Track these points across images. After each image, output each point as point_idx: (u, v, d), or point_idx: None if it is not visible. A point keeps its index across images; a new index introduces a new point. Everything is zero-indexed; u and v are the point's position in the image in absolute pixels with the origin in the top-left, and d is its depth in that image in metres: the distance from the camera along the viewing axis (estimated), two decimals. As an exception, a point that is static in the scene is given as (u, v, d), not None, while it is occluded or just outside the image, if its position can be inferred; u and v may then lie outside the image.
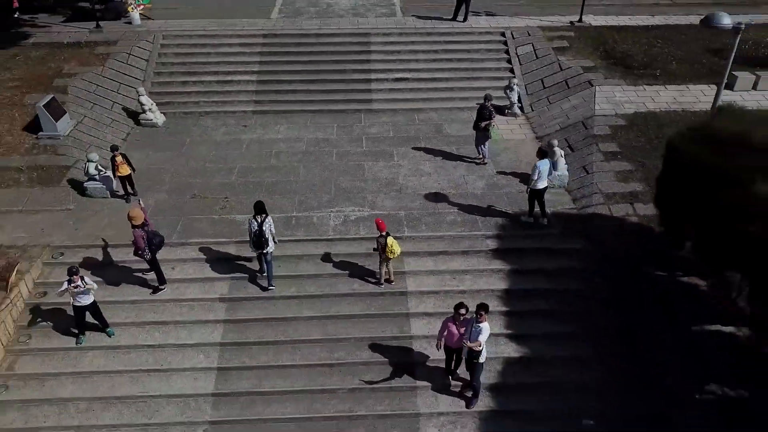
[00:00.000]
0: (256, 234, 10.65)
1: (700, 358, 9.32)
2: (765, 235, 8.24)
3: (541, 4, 22.42)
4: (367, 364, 10.45)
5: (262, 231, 10.59)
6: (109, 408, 9.96)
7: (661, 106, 16.21)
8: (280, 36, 19.80)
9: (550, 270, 11.87)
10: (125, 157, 13.24)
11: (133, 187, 13.55)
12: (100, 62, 18.16)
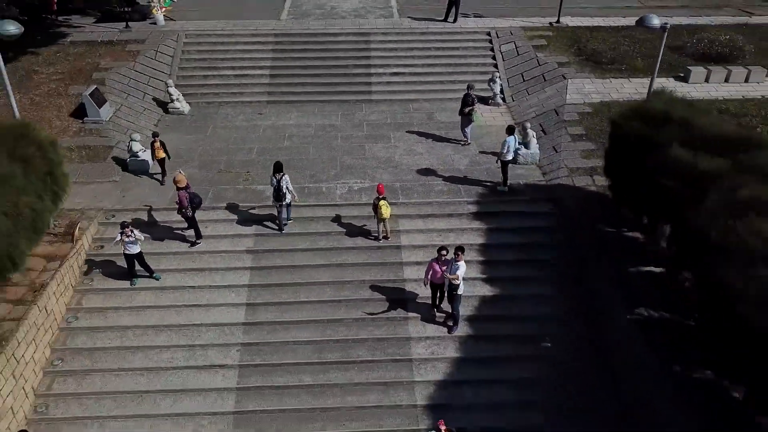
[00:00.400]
0: (275, 189, 13.14)
1: (631, 289, 11.73)
2: (678, 186, 10.65)
3: (524, 6, 24.89)
4: (367, 301, 12.86)
5: (280, 186, 13.10)
6: (160, 334, 12.38)
7: (624, 96, 18.62)
8: (290, 35, 22.25)
9: (520, 228, 14.32)
10: (162, 144, 15.56)
11: (164, 174, 15.73)
12: (131, 58, 20.61)
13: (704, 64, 20.18)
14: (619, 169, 12.90)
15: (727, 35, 21.49)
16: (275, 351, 12.07)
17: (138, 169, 16.00)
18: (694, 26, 22.89)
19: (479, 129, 17.96)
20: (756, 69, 19.83)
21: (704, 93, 18.94)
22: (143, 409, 11.29)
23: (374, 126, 18.65)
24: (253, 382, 11.63)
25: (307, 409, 11.28)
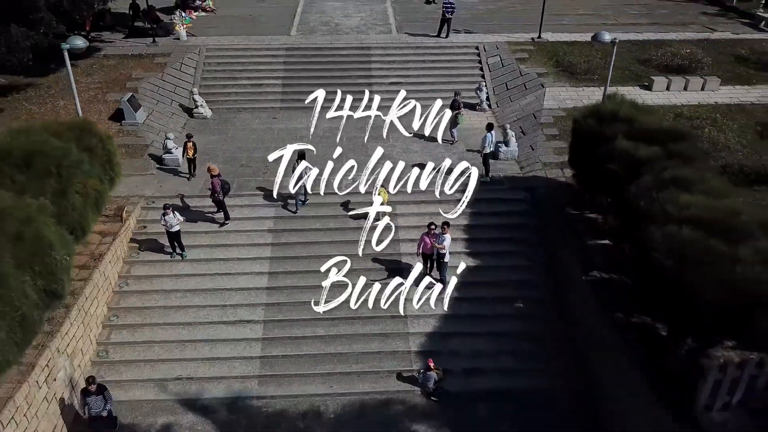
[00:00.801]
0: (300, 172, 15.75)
1: (587, 257, 14.27)
2: (621, 170, 13.23)
3: (509, 23, 27.69)
4: (370, 270, 15.39)
5: (303, 170, 15.70)
6: (197, 296, 14.90)
7: (594, 102, 21.22)
8: (299, 49, 24.97)
9: (500, 212, 16.91)
10: (194, 144, 18.13)
11: (194, 169, 18.28)
12: (159, 69, 23.31)
13: (667, 74, 22.90)
14: (579, 159, 15.54)
15: (689, 49, 24.29)
16: (293, 309, 14.58)
17: (172, 163, 18.60)
18: (660, 41, 25.65)
19: (466, 131, 20.58)
20: (711, 79, 22.55)
21: (665, 100, 21.65)
22: (186, 355, 13.79)
23: (375, 128, 21.10)
24: (275, 333, 14.14)
25: (320, 354, 13.79)
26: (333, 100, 18.12)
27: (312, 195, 17.16)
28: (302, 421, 12.78)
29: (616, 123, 14.25)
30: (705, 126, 19.71)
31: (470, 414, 12.91)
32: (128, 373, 13.47)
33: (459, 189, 17.23)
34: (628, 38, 26.00)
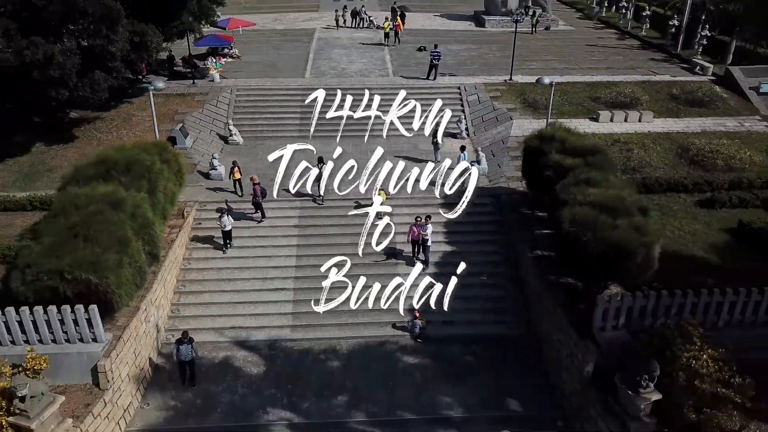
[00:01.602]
0: (319, 174, 21.04)
1: (533, 242, 19.50)
2: (553, 175, 18.57)
3: (486, 68, 33.57)
4: (372, 254, 20.57)
5: (321, 173, 20.99)
6: (242, 272, 20.10)
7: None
8: (312, 89, 30.59)
9: (472, 212, 22.05)
10: (239, 168, 23.38)
11: (242, 189, 23.52)
12: (199, 105, 28.97)
13: (612, 109, 28.58)
14: (528, 169, 20.97)
15: (631, 89, 30.09)
16: (314, 280, 19.68)
17: (216, 177, 24.00)
18: (610, 82, 31.45)
19: (447, 153, 26.02)
20: (647, 113, 28.23)
21: (608, 129, 27.25)
22: (237, 312, 18.91)
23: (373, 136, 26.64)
24: (302, 296, 19.26)
25: (335, 311, 18.84)
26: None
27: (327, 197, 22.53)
28: (323, 355, 17.83)
29: (552, 142, 19.72)
30: (635, 149, 25.25)
31: (445, 351, 17.96)
32: (194, 324, 18.51)
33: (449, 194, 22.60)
34: (584, 80, 31.86)
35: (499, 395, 16.66)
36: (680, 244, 19.93)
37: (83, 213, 15.50)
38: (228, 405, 16.27)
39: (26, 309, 14.47)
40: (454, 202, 22.27)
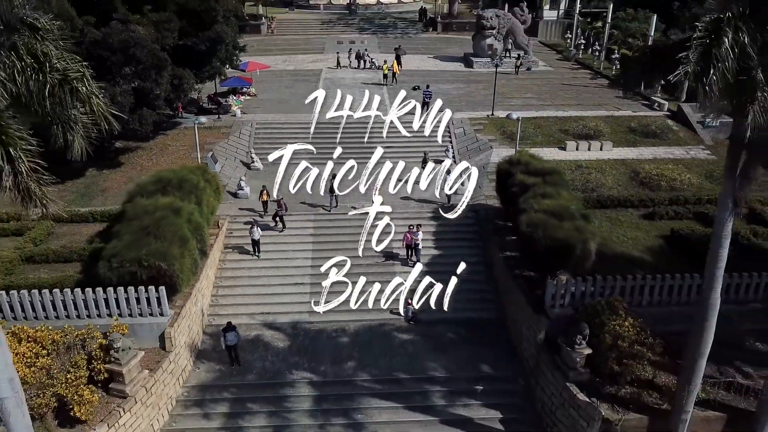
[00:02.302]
0: (330, 186, 25.95)
1: (504, 246, 24.34)
2: (518, 191, 23.53)
3: (472, 106, 38.93)
4: (372, 255, 25.38)
5: (333, 185, 25.91)
6: (269, 271, 24.88)
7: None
8: (321, 122, 35.85)
9: (456, 223, 26.99)
10: (268, 192, 28.30)
11: (266, 209, 28.42)
12: (225, 137, 34.12)
13: (577, 140, 33.75)
14: (500, 188, 25.97)
15: (595, 123, 35.33)
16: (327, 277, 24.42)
17: (243, 196, 28.96)
18: (578, 117, 36.71)
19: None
20: (607, 143, 33.39)
21: (573, 156, 32.36)
22: (265, 301, 23.64)
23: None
24: (317, 289, 23.93)
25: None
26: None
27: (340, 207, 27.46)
28: (334, 333, 22.53)
29: (518, 165, 24.78)
30: (594, 173, 30.32)
31: (433, 331, 22.67)
32: (230, 310, 23.24)
33: (430, 210, 27.61)
34: (557, 115, 37.15)
35: (474, 362, 21.32)
36: (624, 247, 24.79)
37: (152, 217, 20.41)
38: (260, 369, 20.91)
39: (111, 289, 19.23)
40: (441, 215, 27.31)
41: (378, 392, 20.18)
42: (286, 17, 66.10)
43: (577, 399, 17.96)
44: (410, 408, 19.77)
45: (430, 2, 72.40)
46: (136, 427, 17.89)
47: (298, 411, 19.58)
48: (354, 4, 67.66)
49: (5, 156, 11.29)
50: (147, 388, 18.25)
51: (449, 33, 60.60)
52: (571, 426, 18.19)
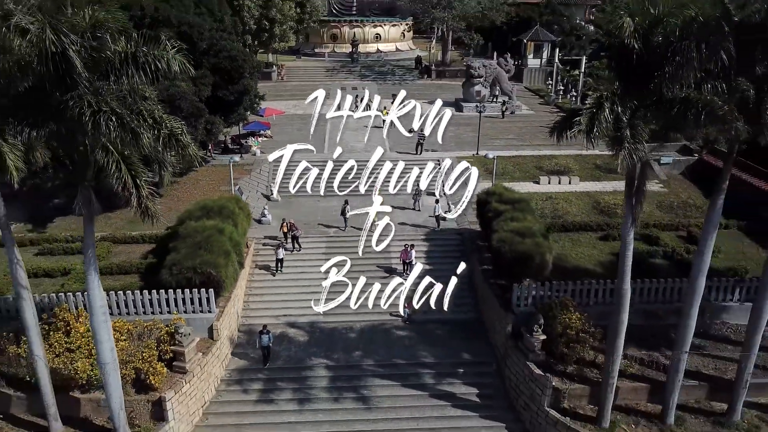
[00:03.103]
0: (343, 209, 31.74)
1: (482, 261, 29.98)
2: (493, 216, 29.33)
3: (459, 146, 45.10)
4: (377, 270, 31.00)
5: (345, 210, 31.70)
6: (288, 282, 30.50)
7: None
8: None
9: (444, 244, 32.84)
10: (287, 224, 34.08)
11: (286, 238, 34.20)
12: (247, 173, 40.13)
13: (549, 175, 39.75)
14: (479, 214, 31.79)
15: (566, 161, 41.39)
16: (337, 286, 29.99)
17: (266, 222, 34.73)
18: (552, 155, 42.79)
19: (427, 207, 36.92)
20: (575, 178, 39.40)
21: (545, 189, 38.31)
22: (288, 305, 29.18)
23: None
24: (330, 297, 29.50)
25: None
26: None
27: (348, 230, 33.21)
28: (344, 330, 27.99)
29: (494, 195, 30.67)
30: (561, 203, 36.21)
31: (425, 328, 28.18)
32: (258, 313, 28.77)
33: (423, 233, 33.37)
34: (533, 154, 43.28)
35: (457, 351, 26.80)
36: (581, 261, 30.45)
37: (203, 235, 26.15)
38: (286, 357, 26.34)
39: (171, 291, 24.80)
40: (432, 237, 33.09)
41: (380, 374, 25.59)
42: (294, 65, 73.07)
43: (534, 373, 23.41)
44: (405, 386, 25.18)
45: (425, 50, 79.72)
46: (193, 396, 23.26)
47: (317, 388, 24.98)
48: (356, 52, 74.72)
49: (134, 184, 17.17)
50: (201, 367, 23.68)
51: (442, 80, 67.39)
52: (530, 395, 23.58)
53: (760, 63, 16.99)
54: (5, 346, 23.02)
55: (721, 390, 23.22)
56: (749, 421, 22.61)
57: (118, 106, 16.11)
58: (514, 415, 24.26)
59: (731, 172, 21.13)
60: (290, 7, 62.14)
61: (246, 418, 23.98)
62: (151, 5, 33.82)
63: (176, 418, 22.37)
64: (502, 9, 70.26)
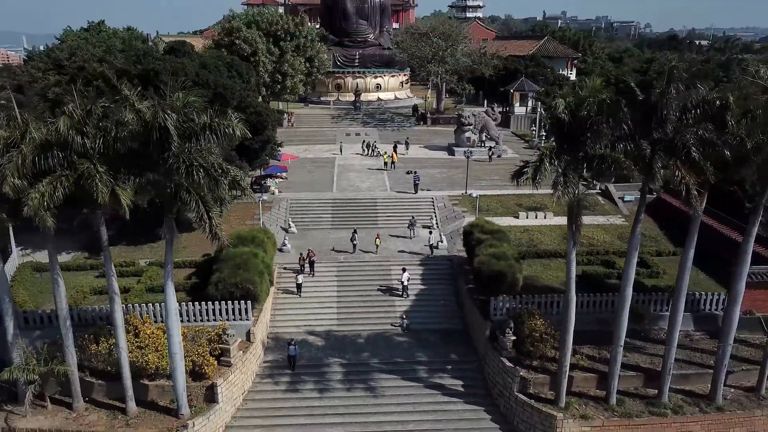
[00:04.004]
0: (352, 236, 38.62)
1: (467, 279, 36.64)
2: (475, 244, 36.14)
3: (451, 186, 52.24)
4: (378, 284, 37.64)
5: (353, 236, 38.57)
6: (306, 299, 37.12)
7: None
8: (338, 199, 48.97)
9: (436, 269, 39.55)
10: (302, 256, 40.87)
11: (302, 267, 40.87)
12: (267, 209, 47.09)
13: (528, 211, 46.72)
14: (465, 243, 38.60)
15: (542, 198, 48.39)
16: (349, 302, 36.55)
17: (286, 250, 41.50)
18: (531, 194, 49.66)
19: (422, 238, 43.76)
20: (549, 213, 46.38)
21: (523, 223, 45.25)
22: (307, 317, 35.75)
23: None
24: (342, 311, 36.06)
25: (361, 317, 35.63)
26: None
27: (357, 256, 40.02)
28: (354, 336, 34.48)
29: (477, 227, 37.56)
30: (537, 234, 43.07)
31: (420, 335, 34.68)
32: (283, 323, 35.26)
33: (417, 259, 40.19)
34: (515, 192, 50.15)
35: (446, 353, 33.29)
36: (550, 282, 37.08)
37: (241, 258, 32.90)
38: (308, 356, 32.79)
39: (217, 302, 31.38)
40: (426, 262, 39.87)
41: (384, 370, 32.00)
42: (302, 112, 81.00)
43: (506, 366, 29.86)
44: (404, 379, 31.59)
45: (422, 97, 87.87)
46: (236, 384, 29.64)
47: (333, 380, 31.37)
48: (358, 101, 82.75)
49: (207, 216, 24.07)
50: (242, 362, 30.12)
51: (437, 126, 75.12)
52: (504, 384, 29.98)
53: (655, 131, 24.06)
54: (87, 345, 29.49)
55: (654, 379, 29.62)
56: (674, 403, 28.95)
57: (204, 161, 23.12)
58: (490, 401, 30.63)
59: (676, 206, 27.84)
60: (300, 62, 70.14)
61: (277, 403, 30.33)
62: (193, 71, 41.11)
63: (224, 400, 28.73)
64: (490, 63, 78.66)
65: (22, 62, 70.99)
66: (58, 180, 23.28)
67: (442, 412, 30.00)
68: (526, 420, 28.89)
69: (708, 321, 33.19)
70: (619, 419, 28.33)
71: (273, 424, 29.31)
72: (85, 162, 23.44)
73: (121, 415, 28.11)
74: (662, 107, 23.74)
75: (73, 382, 28.14)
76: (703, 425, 28.55)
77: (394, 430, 29.06)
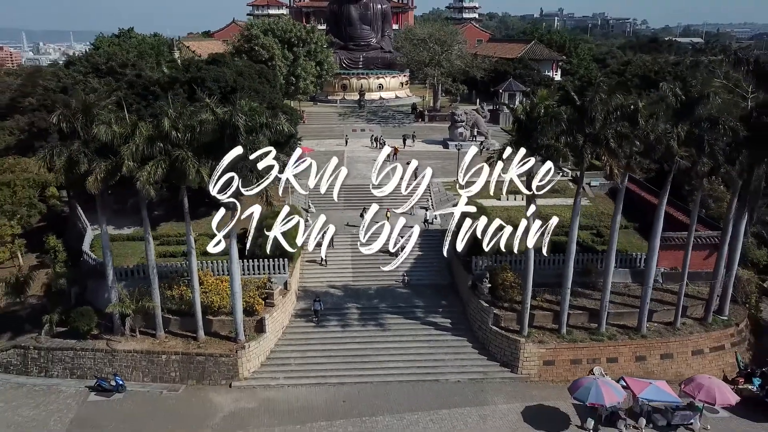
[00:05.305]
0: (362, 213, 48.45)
1: (460, 276, 46.52)
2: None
3: (446, 173, 62.08)
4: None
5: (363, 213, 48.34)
6: (329, 267, 46.96)
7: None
8: (350, 185, 58.76)
9: (431, 238, 49.37)
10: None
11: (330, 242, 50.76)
12: (291, 194, 56.88)
13: (507, 194, 56.55)
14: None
15: (521, 184, 58.31)
16: (361, 270, 46.37)
17: (307, 227, 51.34)
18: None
19: (419, 213, 53.63)
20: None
21: (505, 204, 55.07)
22: (327, 279, 45.63)
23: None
24: (356, 274, 45.90)
25: (370, 277, 45.53)
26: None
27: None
28: (365, 289, 44.46)
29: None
30: (514, 212, 52.94)
31: (416, 288, 44.68)
32: (310, 279, 45.12)
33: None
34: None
35: (438, 300, 43.33)
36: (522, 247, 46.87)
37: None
38: (330, 303, 42.80)
39: (260, 260, 41.22)
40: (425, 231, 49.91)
41: (390, 312, 42.00)
42: (313, 109, 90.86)
43: (483, 306, 39.84)
44: (405, 318, 41.62)
45: (421, 96, 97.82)
46: (278, 320, 39.59)
47: (351, 319, 41.37)
48: (362, 99, 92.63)
49: (267, 198, 33.99)
50: (282, 304, 40.03)
51: (433, 123, 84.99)
52: (481, 319, 39.95)
53: (587, 127, 33.91)
54: (164, 290, 39.35)
55: (596, 316, 39.55)
56: (610, 333, 38.90)
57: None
58: (472, 334, 40.64)
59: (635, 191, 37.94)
60: (312, 66, 79.95)
61: (309, 335, 40.35)
62: (231, 78, 50.78)
63: (270, 331, 38.65)
64: (481, 66, 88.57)
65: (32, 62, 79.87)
66: (158, 163, 33.18)
67: (435, 341, 40.00)
68: (498, 345, 38.90)
69: (642, 275, 43.17)
70: (568, 343, 38.33)
71: (306, 349, 39.32)
72: (178, 150, 33.30)
73: (194, 341, 38.07)
74: (591, 110, 33.60)
75: (156, 316, 38.09)
76: (630, 348, 38.56)
77: (399, 353, 39.02)
